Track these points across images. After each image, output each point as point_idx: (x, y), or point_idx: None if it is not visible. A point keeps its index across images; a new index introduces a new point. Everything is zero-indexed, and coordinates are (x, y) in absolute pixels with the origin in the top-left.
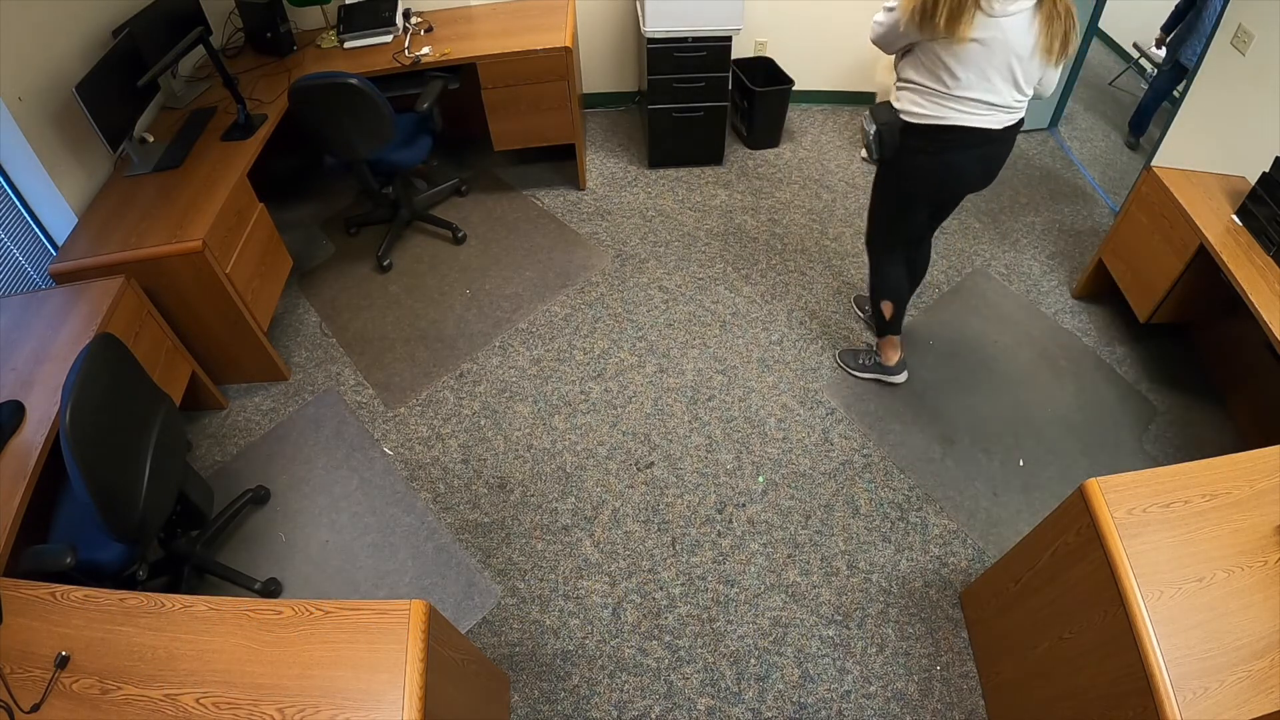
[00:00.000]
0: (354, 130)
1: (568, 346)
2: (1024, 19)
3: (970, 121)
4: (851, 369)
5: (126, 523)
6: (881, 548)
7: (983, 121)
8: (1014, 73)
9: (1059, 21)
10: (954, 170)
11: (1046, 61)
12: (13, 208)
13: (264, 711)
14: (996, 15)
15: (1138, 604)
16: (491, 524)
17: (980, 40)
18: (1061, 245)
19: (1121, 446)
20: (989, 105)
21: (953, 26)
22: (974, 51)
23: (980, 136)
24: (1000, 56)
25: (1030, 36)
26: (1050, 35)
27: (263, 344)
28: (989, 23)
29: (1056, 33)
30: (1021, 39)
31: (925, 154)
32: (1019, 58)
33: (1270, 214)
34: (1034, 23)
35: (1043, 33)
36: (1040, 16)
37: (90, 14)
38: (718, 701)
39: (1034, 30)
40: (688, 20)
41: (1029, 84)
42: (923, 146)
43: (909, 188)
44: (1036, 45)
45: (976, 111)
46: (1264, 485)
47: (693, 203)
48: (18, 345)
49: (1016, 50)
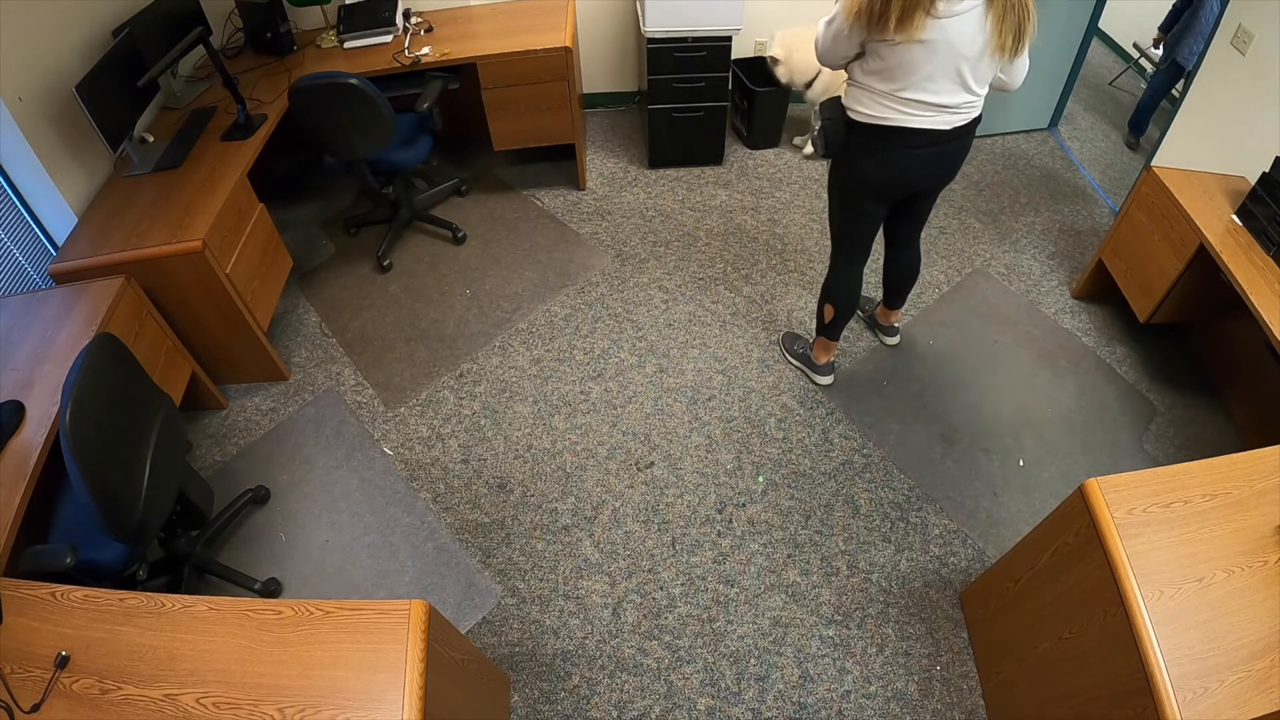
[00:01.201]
0: (354, 130)
1: (568, 346)
2: (972, 19)
3: (914, 123)
4: (787, 352)
5: (126, 523)
6: (881, 548)
7: (928, 123)
8: (962, 74)
9: (1012, 16)
10: (897, 170)
11: (999, 59)
12: (13, 208)
13: (264, 711)
14: (941, 17)
15: (1138, 604)
16: (491, 524)
17: (925, 42)
18: (1061, 245)
19: (1121, 446)
20: (935, 107)
21: (902, 27)
22: (918, 54)
23: (926, 137)
24: (945, 59)
25: (980, 36)
26: (1002, 33)
27: (263, 344)
28: (934, 25)
29: (1009, 29)
30: (969, 40)
31: (868, 153)
32: (966, 59)
33: (1270, 214)
34: (985, 22)
35: (995, 31)
36: (992, 15)
37: (90, 14)
38: (718, 701)
39: (985, 29)
40: (688, 20)
41: (981, 83)
42: (866, 145)
43: (853, 186)
44: (988, 44)
45: (921, 113)
46: (1264, 485)
47: (693, 203)
48: (18, 345)
49: (963, 51)
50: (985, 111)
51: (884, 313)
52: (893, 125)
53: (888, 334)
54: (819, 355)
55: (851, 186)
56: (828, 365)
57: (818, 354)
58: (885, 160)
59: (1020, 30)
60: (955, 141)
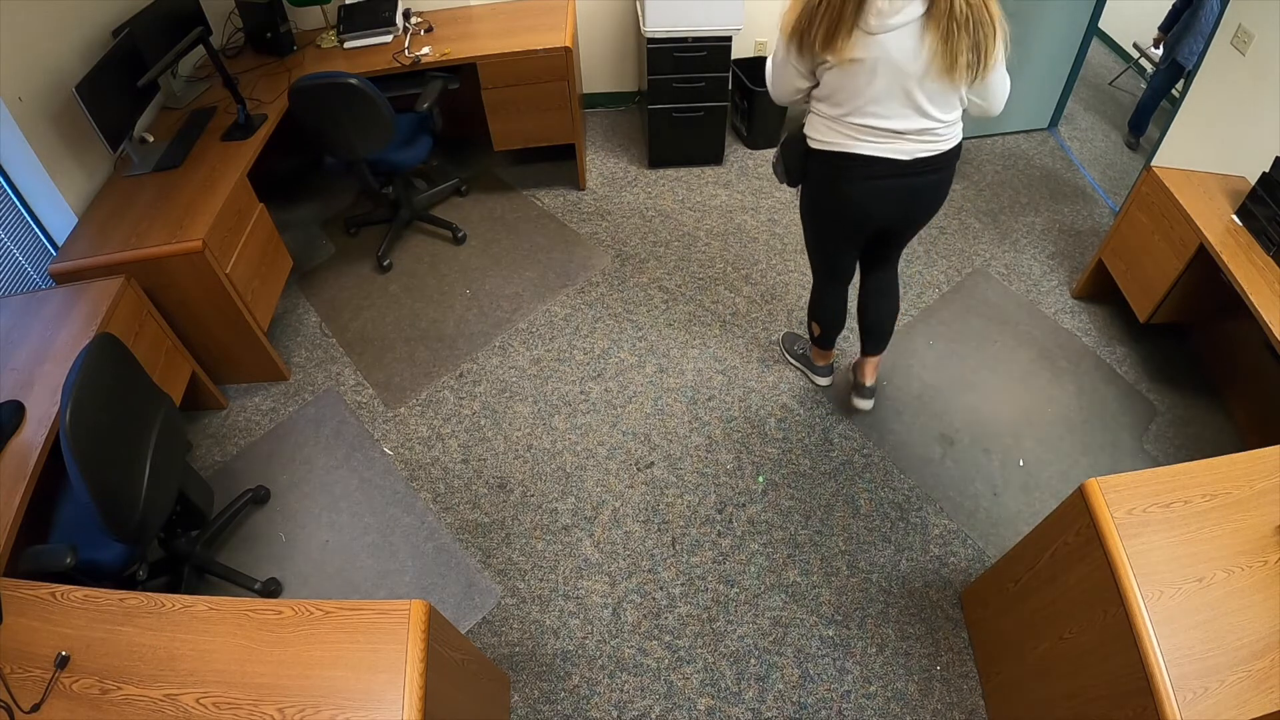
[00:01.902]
0: (354, 130)
1: (568, 346)
2: (909, 34)
3: (869, 150)
4: (787, 352)
5: (126, 523)
6: (881, 548)
7: (883, 150)
8: (911, 95)
9: (962, 34)
10: (857, 201)
11: (950, 81)
12: (13, 208)
13: (264, 711)
14: (874, 32)
15: (1138, 604)
16: (491, 524)
17: (862, 60)
18: (1061, 245)
19: (1121, 446)
20: (887, 133)
21: (830, 46)
22: (858, 74)
23: (886, 167)
24: (888, 78)
25: (923, 53)
26: (950, 52)
27: (263, 344)
28: (868, 41)
29: (960, 47)
30: (909, 57)
31: (827, 182)
32: (912, 77)
33: (1270, 214)
34: (924, 38)
35: (939, 50)
36: (931, 30)
37: (90, 14)
38: (718, 701)
39: (926, 45)
40: (688, 20)
41: (940, 106)
42: (824, 174)
43: (816, 216)
44: (933, 63)
45: (874, 140)
46: (1264, 485)
47: (693, 203)
48: (18, 345)
49: (906, 69)
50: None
51: (860, 364)
52: (846, 152)
53: (860, 394)
54: (817, 358)
55: (815, 216)
56: (827, 367)
57: (816, 357)
58: (845, 191)
59: (981, 47)
60: (922, 176)
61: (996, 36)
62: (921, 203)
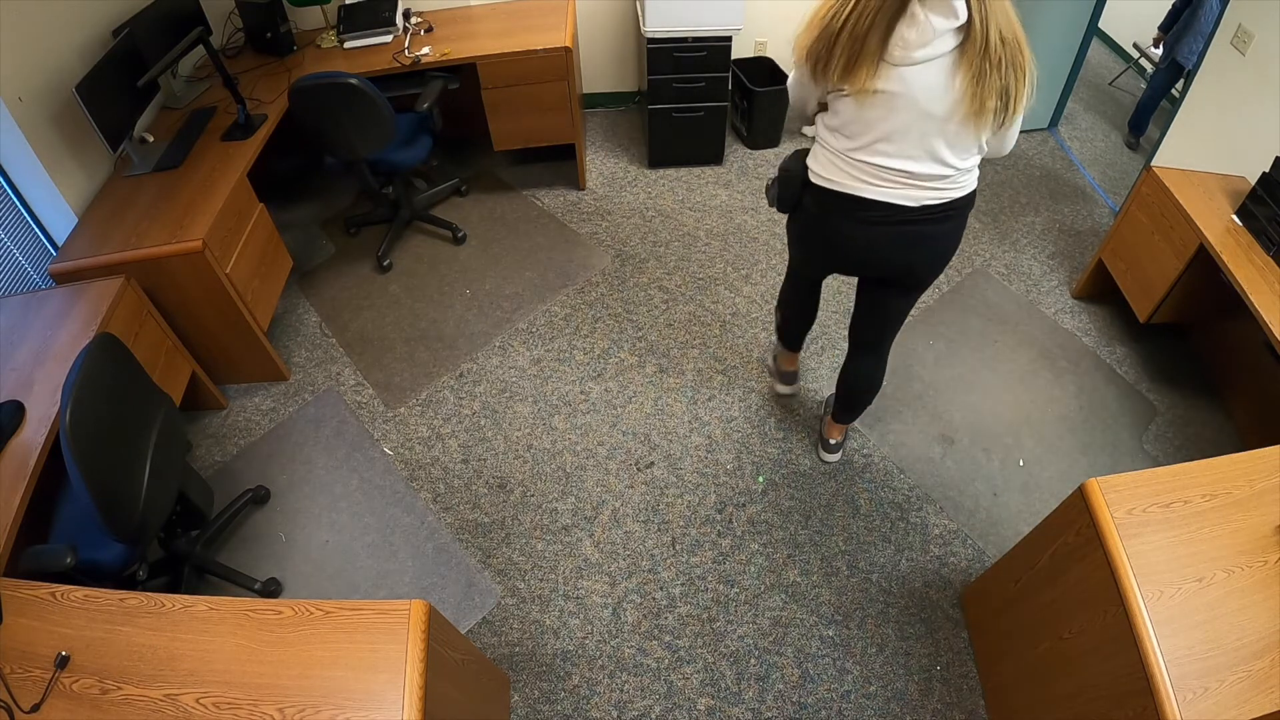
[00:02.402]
0: (354, 130)
1: (568, 346)
2: (937, 70)
3: (872, 194)
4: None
5: (127, 523)
6: (881, 548)
7: (889, 195)
8: (928, 138)
9: (994, 75)
10: (848, 246)
11: (977, 126)
12: (13, 208)
13: (264, 711)
14: (899, 64)
15: (1138, 604)
16: (491, 524)
17: (881, 93)
18: (1061, 245)
19: (1121, 446)
20: (897, 174)
21: (849, 76)
22: (875, 106)
23: (888, 212)
24: (907, 115)
25: (950, 93)
26: (980, 95)
27: (263, 344)
28: (891, 73)
29: (990, 90)
30: (935, 96)
31: (819, 220)
32: (933, 118)
33: (1270, 214)
34: (955, 77)
35: (969, 92)
36: (963, 70)
37: (90, 14)
38: (718, 701)
39: (956, 86)
40: (688, 20)
41: (959, 153)
42: (818, 211)
43: (800, 247)
44: (960, 105)
45: (880, 182)
46: (1264, 485)
47: (693, 203)
48: (18, 345)
49: (929, 109)
50: None
51: (828, 423)
52: (847, 194)
53: (825, 449)
54: (782, 361)
55: (800, 246)
56: (789, 374)
57: (781, 360)
58: (839, 233)
59: (1009, 93)
60: (927, 225)
61: (1025, 82)
62: (923, 252)
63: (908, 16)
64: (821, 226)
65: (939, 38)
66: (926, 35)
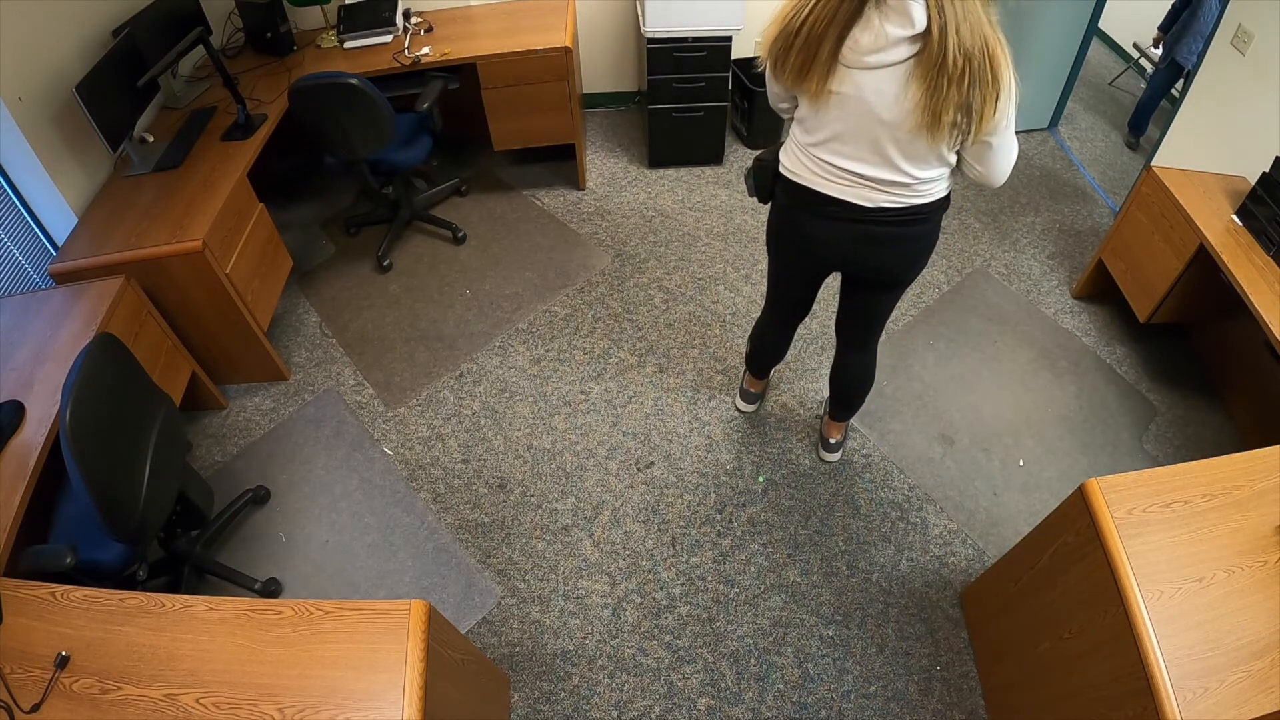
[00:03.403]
0: (354, 130)
1: (568, 346)
2: (890, 78)
3: (829, 189)
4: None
5: (127, 523)
6: (881, 548)
7: (843, 193)
8: (879, 143)
9: (952, 90)
10: (809, 238)
11: (933, 138)
12: (13, 208)
13: (264, 711)
14: (851, 67)
15: (1138, 604)
16: (491, 524)
17: (838, 94)
18: (1061, 245)
19: (1121, 446)
20: (850, 175)
21: (801, 80)
22: (832, 107)
23: (844, 210)
24: (857, 118)
25: (903, 102)
26: (933, 108)
27: (263, 344)
28: (847, 76)
29: (946, 105)
30: (886, 103)
31: (785, 210)
32: (884, 124)
33: (1270, 214)
34: (908, 86)
35: (921, 103)
36: (917, 79)
37: (90, 14)
38: (718, 701)
39: (909, 95)
40: (688, 20)
41: (915, 162)
42: (785, 203)
43: (771, 240)
44: (912, 115)
45: (835, 180)
46: (1264, 485)
47: (693, 203)
48: (18, 345)
49: (879, 114)
50: None
51: (827, 422)
52: (807, 186)
53: (825, 448)
54: (746, 381)
55: (771, 240)
56: (752, 394)
57: (746, 380)
58: (801, 225)
59: (973, 110)
60: (888, 226)
61: (999, 101)
62: (892, 252)
63: (863, 20)
64: (791, 219)
65: (893, 46)
66: (880, 41)
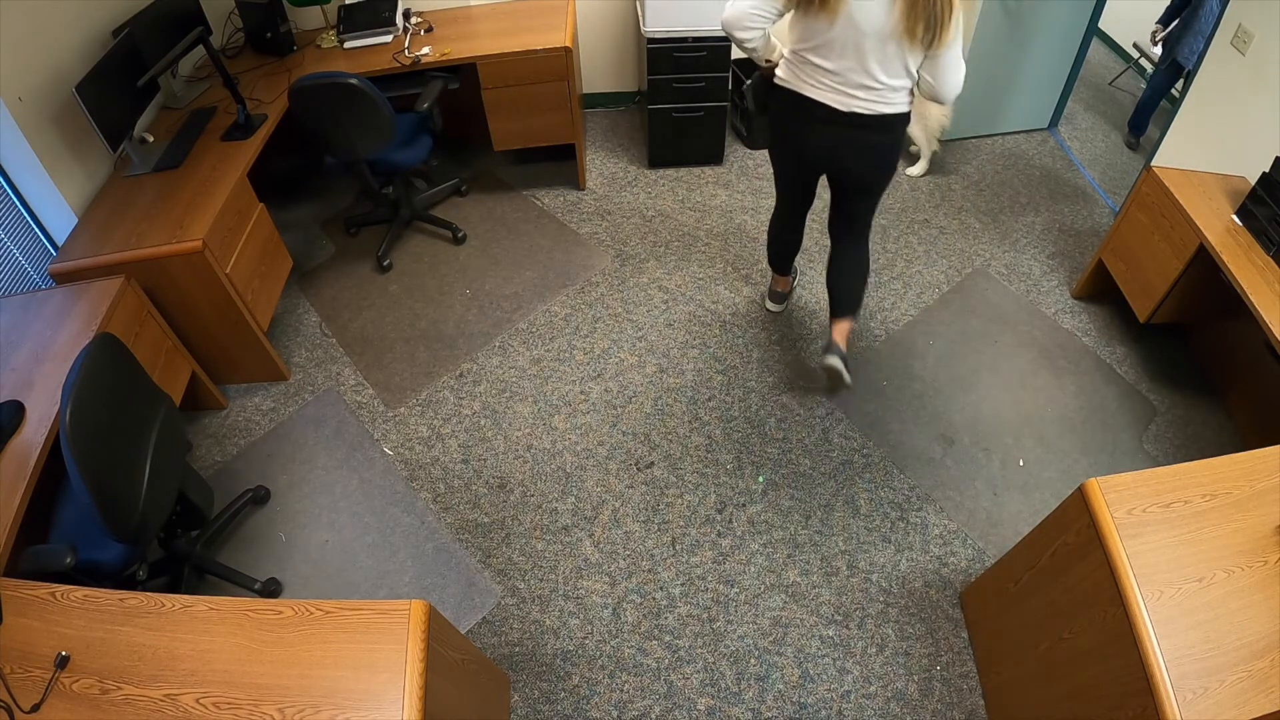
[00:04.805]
0: (354, 130)
1: (568, 346)
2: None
3: (813, 94)
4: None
5: (126, 523)
6: (881, 548)
7: (825, 97)
8: (862, 51)
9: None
10: (796, 138)
11: (909, 45)
12: (13, 208)
13: (264, 711)
14: None
15: (1138, 604)
16: (491, 524)
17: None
18: (1061, 245)
19: (1121, 446)
20: (830, 75)
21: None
22: (821, 16)
23: (823, 113)
24: (844, 29)
25: (888, 19)
26: (913, 16)
27: (263, 344)
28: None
29: (920, 14)
30: (872, 21)
31: (778, 115)
32: (867, 35)
33: (1270, 214)
34: (893, 7)
35: (904, 15)
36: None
37: (90, 14)
38: (718, 701)
39: (893, 13)
40: (688, 20)
41: (888, 70)
42: (778, 109)
43: (770, 146)
44: (896, 27)
45: (820, 83)
46: (1264, 485)
47: (693, 203)
48: (18, 345)
49: (862, 26)
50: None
51: (831, 325)
52: (796, 92)
53: (827, 350)
54: (773, 282)
55: (771, 145)
56: (779, 293)
57: (773, 281)
58: (790, 128)
59: (935, 20)
60: (856, 130)
61: (951, 15)
62: (855, 155)
63: None
64: (784, 129)
65: None
66: None
